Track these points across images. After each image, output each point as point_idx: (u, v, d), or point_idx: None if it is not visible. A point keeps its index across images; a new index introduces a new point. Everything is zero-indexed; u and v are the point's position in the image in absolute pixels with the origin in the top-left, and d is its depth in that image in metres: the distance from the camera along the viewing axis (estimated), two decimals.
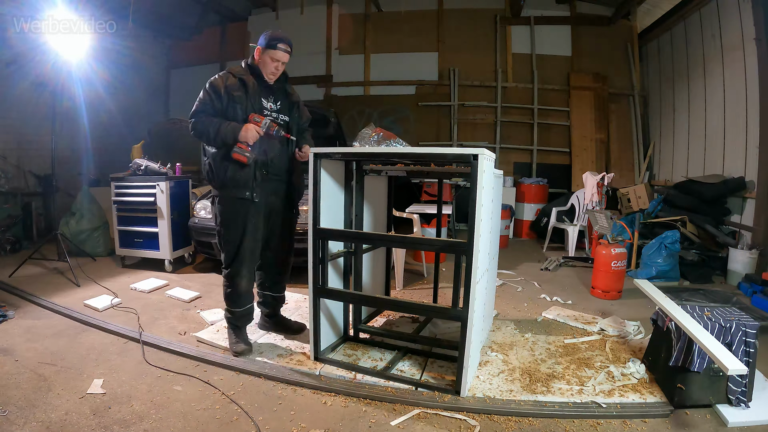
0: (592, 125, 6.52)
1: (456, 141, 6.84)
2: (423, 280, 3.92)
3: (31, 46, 4.25)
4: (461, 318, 1.87)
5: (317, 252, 2.14)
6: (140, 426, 1.69)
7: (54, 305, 2.93)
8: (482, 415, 1.82)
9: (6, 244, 4.47)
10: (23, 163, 5.17)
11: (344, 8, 7.22)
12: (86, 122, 5.48)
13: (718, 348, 1.70)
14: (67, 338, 2.48)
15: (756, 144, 4.08)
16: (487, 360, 2.29)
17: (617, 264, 3.39)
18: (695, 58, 5.28)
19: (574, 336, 2.66)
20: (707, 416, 1.86)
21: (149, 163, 3.88)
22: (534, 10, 6.68)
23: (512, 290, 3.65)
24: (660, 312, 2.14)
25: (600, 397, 1.93)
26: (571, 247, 4.89)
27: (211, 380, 2.05)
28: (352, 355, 2.30)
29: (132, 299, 3.14)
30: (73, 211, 4.38)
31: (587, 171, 5.15)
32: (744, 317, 1.93)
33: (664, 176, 6.01)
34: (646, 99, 6.62)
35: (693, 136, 5.34)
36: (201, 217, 3.83)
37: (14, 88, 4.97)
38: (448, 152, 2.01)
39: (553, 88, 6.74)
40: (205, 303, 3.14)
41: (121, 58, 5.72)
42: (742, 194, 4.26)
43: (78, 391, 1.91)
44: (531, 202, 6.17)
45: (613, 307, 3.24)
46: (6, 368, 2.09)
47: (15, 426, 1.65)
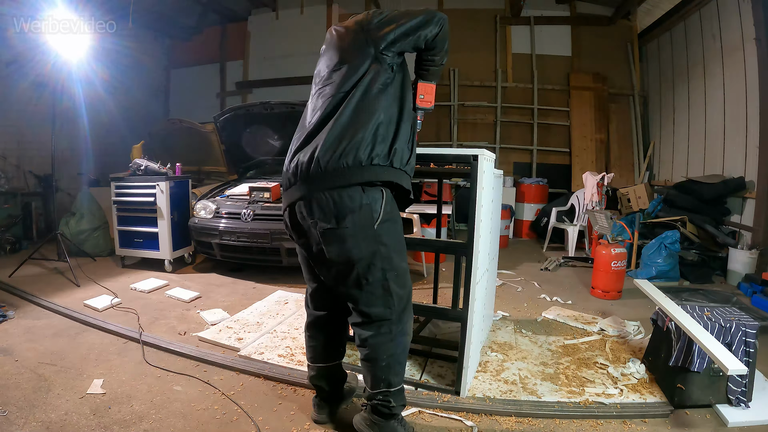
0: (592, 125, 6.52)
1: (456, 141, 6.83)
2: (423, 280, 3.92)
3: (31, 46, 4.24)
4: (461, 318, 1.87)
5: None
6: (140, 426, 1.69)
7: (54, 305, 2.93)
8: (482, 415, 1.82)
9: (6, 244, 4.46)
10: (23, 163, 5.17)
11: (344, 8, 7.21)
12: (86, 122, 5.48)
13: (718, 348, 1.70)
14: (67, 338, 2.47)
15: (756, 144, 4.08)
16: (487, 360, 2.29)
17: (617, 264, 3.39)
18: (695, 58, 5.28)
19: (574, 336, 2.66)
20: (707, 416, 1.86)
21: (149, 164, 3.88)
22: (534, 10, 6.68)
23: (512, 290, 3.65)
24: (660, 312, 2.14)
25: (600, 397, 1.93)
26: (571, 247, 4.89)
27: (211, 380, 2.05)
28: (352, 356, 2.30)
29: (132, 299, 3.14)
30: (73, 211, 4.38)
31: (587, 171, 5.15)
32: (744, 317, 1.93)
33: (664, 176, 6.01)
34: (646, 99, 6.62)
35: (693, 136, 5.34)
36: (201, 217, 3.83)
37: (14, 88, 4.96)
38: (448, 152, 2.01)
39: (553, 88, 6.74)
40: (205, 303, 3.14)
41: (121, 58, 5.71)
42: (742, 194, 4.26)
43: (78, 391, 1.91)
44: (531, 202, 6.17)
45: (613, 307, 3.24)
46: (6, 368, 2.09)
47: (15, 426, 1.65)
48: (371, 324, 1.54)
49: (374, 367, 1.56)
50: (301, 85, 7.20)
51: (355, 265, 1.48)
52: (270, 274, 3.86)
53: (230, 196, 4.02)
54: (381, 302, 1.52)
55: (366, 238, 1.47)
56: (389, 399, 1.57)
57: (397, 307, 1.54)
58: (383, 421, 1.59)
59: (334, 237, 1.46)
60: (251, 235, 3.55)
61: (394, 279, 1.53)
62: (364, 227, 1.46)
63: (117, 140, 6.28)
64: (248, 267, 3.97)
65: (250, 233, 3.55)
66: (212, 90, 7.77)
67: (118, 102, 6.04)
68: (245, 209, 3.67)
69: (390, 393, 1.57)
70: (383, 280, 1.51)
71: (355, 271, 1.48)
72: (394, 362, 1.56)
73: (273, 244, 3.50)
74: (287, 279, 3.75)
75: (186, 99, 7.80)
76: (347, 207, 1.44)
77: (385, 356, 1.55)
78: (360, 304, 1.54)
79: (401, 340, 1.57)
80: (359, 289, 1.51)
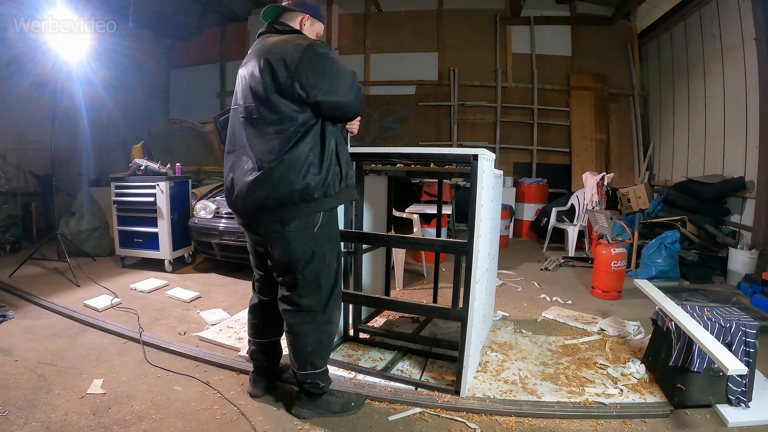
0: (592, 125, 6.52)
1: (456, 141, 6.83)
2: (423, 280, 3.92)
3: (31, 46, 4.23)
4: (461, 318, 1.87)
5: None
6: (140, 426, 1.69)
7: (54, 305, 2.93)
8: (482, 415, 1.82)
9: (6, 244, 4.46)
10: (23, 163, 5.17)
11: (344, 8, 7.20)
12: (86, 122, 5.47)
13: (718, 348, 1.70)
14: (67, 338, 2.48)
15: (756, 144, 4.08)
16: (487, 360, 2.29)
17: (617, 264, 3.39)
18: (695, 58, 5.28)
19: (574, 336, 2.66)
20: (707, 416, 1.86)
21: (149, 164, 3.88)
22: (534, 10, 6.68)
23: (512, 290, 3.65)
24: (660, 312, 2.14)
25: (600, 398, 1.93)
26: (571, 247, 4.89)
27: (210, 380, 2.05)
28: (352, 356, 2.30)
29: (132, 299, 3.14)
30: (73, 211, 4.38)
31: (587, 171, 5.15)
32: (744, 317, 1.93)
33: (663, 176, 6.01)
34: (646, 99, 6.62)
35: (693, 136, 5.34)
36: (201, 217, 3.83)
37: (14, 88, 4.96)
38: (448, 152, 2.01)
39: (553, 88, 6.73)
40: (205, 303, 3.14)
41: (121, 58, 5.71)
42: (742, 194, 4.26)
43: (78, 391, 1.91)
44: (531, 202, 6.17)
45: (613, 307, 3.24)
46: (6, 368, 2.09)
47: (15, 426, 1.65)
48: (299, 312, 1.73)
49: (302, 351, 1.74)
50: None
51: (295, 264, 1.68)
52: None
53: None
54: (311, 294, 1.72)
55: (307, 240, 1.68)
56: (317, 381, 1.77)
57: (324, 300, 1.74)
58: (316, 398, 1.79)
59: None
60: None
61: (325, 275, 1.73)
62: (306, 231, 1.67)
63: (117, 140, 6.28)
64: (248, 267, 3.94)
65: None
66: (212, 90, 7.77)
67: (118, 102, 6.04)
68: None
69: (316, 374, 1.76)
70: (316, 277, 1.71)
71: (294, 268, 1.69)
72: (318, 347, 1.75)
73: None
74: None
75: (186, 99, 7.80)
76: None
77: (311, 341, 1.74)
78: (293, 294, 1.72)
79: (326, 328, 1.78)
80: (294, 282, 1.71)
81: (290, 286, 1.72)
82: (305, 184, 1.58)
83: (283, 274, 1.73)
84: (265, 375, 1.96)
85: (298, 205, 1.60)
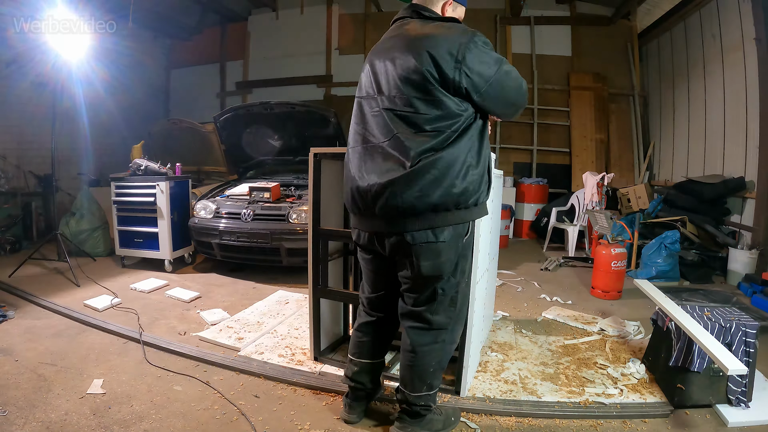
0: (592, 125, 6.52)
1: None
2: None
3: (31, 46, 4.24)
4: None
5: (317, 252, 2.14)
6: (140, 426, 1.69)
7: (54, 305, 2.93)
8: (482, 415, 1.82)
9: (6, 244, 4.46)
10: (23, 163, 5.17)
11: (344, 8, 7.22)
12: (86, 122, 5.47)
13: (718, 348, 1.70)
14: (67, 338, 2.47)
15: (756, 144, 4.08)
16: (487, 360, 2.29)
17: (617, 264, 3.38)
18: (695, 58, 5.28)
19: (574, 336, 2.66)
20: (707, 416, 1.86)
21: (149, 163, 3.88)
22: (534, 10, 6.67)
23: (512, 290, 3.65)
24: (660, 312, 2.14)
25: (600, 398, 1.93)
26: (571, 247, 4.88)
27: (210, 380, 2.05)
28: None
29: (132, 299, 3.14)
30: (73, 211, 4.38)
31: (587, 171, 5.15)
32: (744, 317, 1.93)
33: (664, 176, 6.01)
34: (646, 99, 6.61)
35: (693, 136, 5.34)
36: (201, 217, 3.83)
37: (14, 88, 4.96)
38: None
39: (553, 88, 6.73)
40: (205, 303, 3.14)
41: (121, 58, 5.71)
42: (742, 194, 4.26)
43: (78, 391, 1.91)
44: (531, 202, 6.17)
45: (613, 307, 3.24)
46: (6, 368, 2.09)
47: (15, 426, 1.65)
48: (430, 331, 1.57)
49: (422, 372, 1.58)
50: (301, 85, 7.21)
51: (439, 277, 1.50)
52: (270, 274, 3.86)
53: (230, 196, 4.03)
54: (446, 312, 1.56)
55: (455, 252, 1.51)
56: (429, 402, 1.62)
57: (455, 317, 1.60)
58: (422, 418, 1.62)
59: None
60: (251, 235, 3.55)
61: (461, 291, 1.59)
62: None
63: (117, 140, 6.28)
64: (248, 267, 3.97)
65: (250, 233, 3.55)
66: (212, 90, 7.78)
67: (118, 102, 6.04)
68: (245, 209, 3.67)
69: (430, 396, 1.62)
70: (455, 292, 1.56)
71: (436, 282, 1.51)
72: (439, 368, 1.62)
73: (273, 244, 3.50)
74: (287, 279, 3.75)
75: (186, 99, 7.81)
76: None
77: (434, 362, 1.58)
78: (426, 310, 1.55)
79: (450, 348, 1.64)
80: (433, 297, 1.53)
81: (425, 301, 1.53)
82: (463, 188, 1.39)
83: (421, 290, 1.52)
84: (362, 399, 1.77)
85: (452, 211, 1.41)
